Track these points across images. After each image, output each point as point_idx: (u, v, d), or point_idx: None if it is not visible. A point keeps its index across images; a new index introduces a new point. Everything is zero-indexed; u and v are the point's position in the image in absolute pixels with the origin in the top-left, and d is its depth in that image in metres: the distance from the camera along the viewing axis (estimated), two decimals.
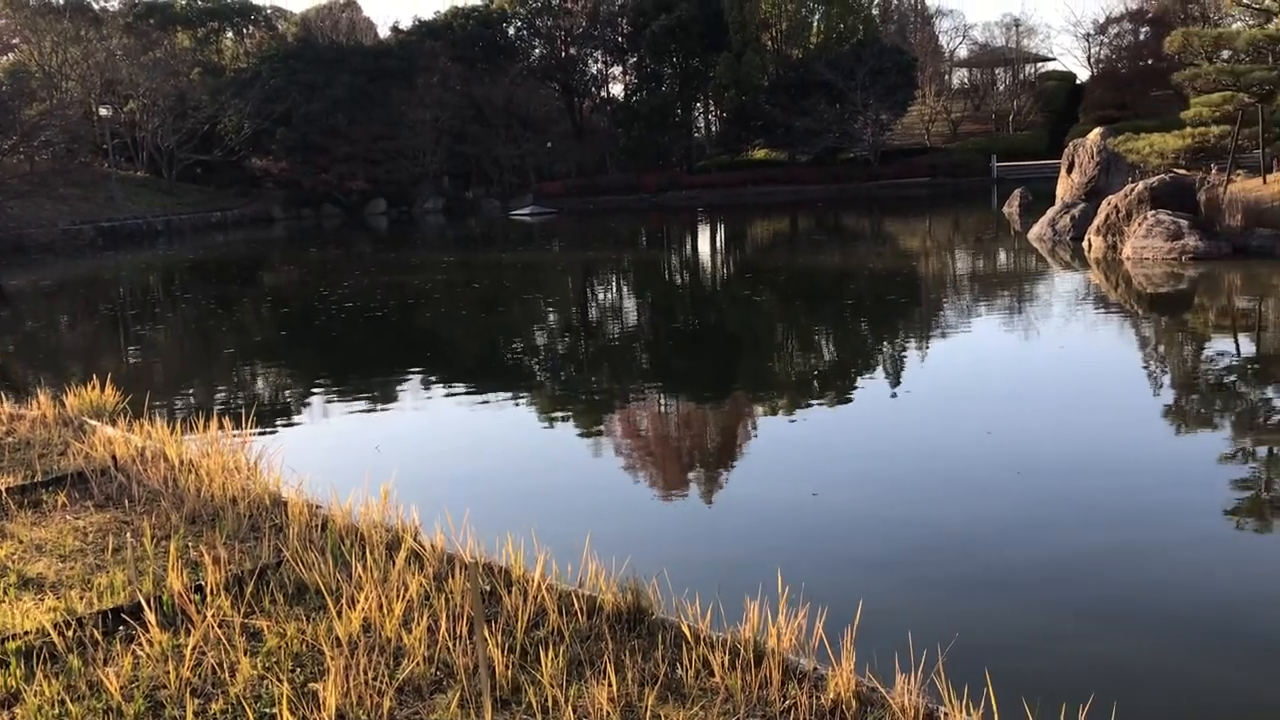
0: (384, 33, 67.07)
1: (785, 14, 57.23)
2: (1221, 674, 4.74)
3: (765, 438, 9.44)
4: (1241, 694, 4.59)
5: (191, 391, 12.77)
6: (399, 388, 12.39)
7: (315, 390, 12.59)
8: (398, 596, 4.72)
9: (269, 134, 55.34)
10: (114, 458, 7.42)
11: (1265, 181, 21.02)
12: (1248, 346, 12.59)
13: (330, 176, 55.84)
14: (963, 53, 71.72)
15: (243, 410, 9.88)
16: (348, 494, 6.17)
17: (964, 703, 3.82)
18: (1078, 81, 65.16)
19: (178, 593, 4.85)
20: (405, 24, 65.67)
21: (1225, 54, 22.68)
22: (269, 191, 58.20)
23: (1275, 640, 4.99)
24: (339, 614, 4.59)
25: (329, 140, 55.61)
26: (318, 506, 6.24)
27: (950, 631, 4.78)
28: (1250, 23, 24.32)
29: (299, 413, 11.26)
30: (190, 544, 5.79)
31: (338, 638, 4.45)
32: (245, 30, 65.21)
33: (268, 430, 9.90)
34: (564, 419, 10.58)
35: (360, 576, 4.98)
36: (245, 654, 4.37)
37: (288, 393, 12.55)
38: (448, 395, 11.75)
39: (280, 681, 4.11)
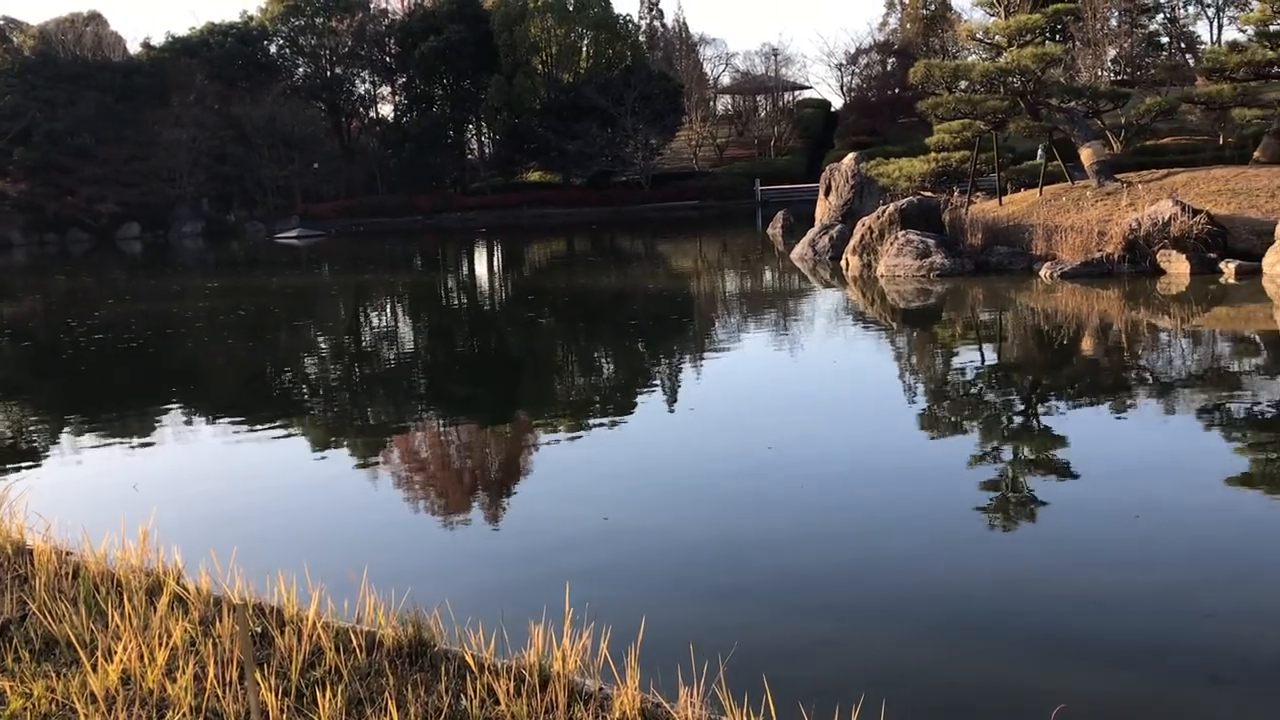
0: (134, 49, 63.65)
1: (555, 38, 57.86)
2: (984, 668, 5.04)
3: (549, 460, 9.44)
4: (1003, 686, 4.90)
5: None
6: (158, 423, 11.70)
7: (64, 429, 11.72)
8: (160, 644, 4.44)
9: (5, 154, 51.61)
10: None
11: (1001, 203, 22.74)
12: (990, 355, 13.57)
13: (77, 199, 52.54)
14: (726, 80, 74.63)
15: None
16: (102, 538, 5.77)
17: (744, 710, 3.92)
18: (833, 109, 68.91)
19: None
20: (158, 40, 62.34)
21: (963, 84, 24.36)
22: (7, 215, 54.12)
23: (1033, 634, 5.35)
24: (94, 667, 4.28)
25: (75, 161, 52.37)
26: (68, 553, 5.80)
27: (730, 642, 4.90)
28: (984, 56, 26.31)
29: (45, 454, 10.43)
30: None
31: (93, 693, 4.14)
32: None
33: (9, 474, 9.14)
34: (337, 450, 10.25)
35: (118, 626, 4.66)
36: None
37: (32, 432, 11.63)
38: (211, 429, 11.18)
39: None
